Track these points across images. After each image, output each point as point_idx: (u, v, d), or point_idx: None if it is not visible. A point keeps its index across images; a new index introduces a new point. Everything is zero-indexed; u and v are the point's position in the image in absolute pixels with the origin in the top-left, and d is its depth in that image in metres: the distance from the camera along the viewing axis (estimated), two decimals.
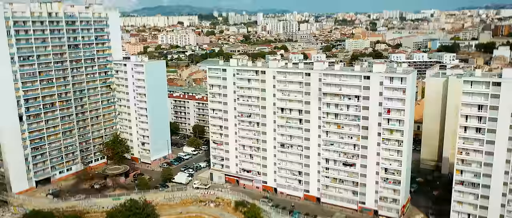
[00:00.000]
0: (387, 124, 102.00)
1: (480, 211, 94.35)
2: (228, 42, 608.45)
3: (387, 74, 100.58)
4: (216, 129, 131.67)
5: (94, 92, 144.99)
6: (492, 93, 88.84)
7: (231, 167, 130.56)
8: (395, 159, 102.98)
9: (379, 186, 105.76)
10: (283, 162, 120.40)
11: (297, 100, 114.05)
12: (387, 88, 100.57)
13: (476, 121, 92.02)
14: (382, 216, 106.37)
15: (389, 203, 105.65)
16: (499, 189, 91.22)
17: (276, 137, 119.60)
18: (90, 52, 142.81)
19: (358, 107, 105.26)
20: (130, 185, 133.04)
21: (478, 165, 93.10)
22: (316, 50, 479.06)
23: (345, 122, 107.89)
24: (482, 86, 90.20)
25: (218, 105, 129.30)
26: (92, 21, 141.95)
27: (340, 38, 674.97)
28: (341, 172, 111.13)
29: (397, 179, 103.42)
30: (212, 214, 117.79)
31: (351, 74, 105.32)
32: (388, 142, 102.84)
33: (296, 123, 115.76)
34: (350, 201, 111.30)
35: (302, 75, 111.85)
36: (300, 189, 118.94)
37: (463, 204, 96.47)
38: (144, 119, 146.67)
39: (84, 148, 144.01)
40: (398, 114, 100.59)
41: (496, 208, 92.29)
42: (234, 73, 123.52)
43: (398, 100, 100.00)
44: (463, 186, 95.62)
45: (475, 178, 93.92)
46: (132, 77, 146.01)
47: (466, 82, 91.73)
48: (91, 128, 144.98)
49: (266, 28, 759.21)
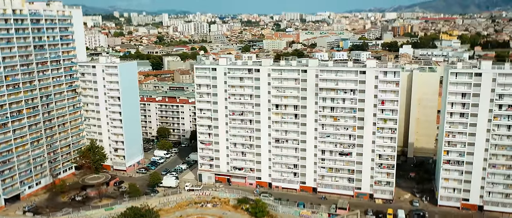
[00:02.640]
0: (381, 114, 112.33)
1: (464, 185, 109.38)
2: (141, 44, 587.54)
3: (382, 69, 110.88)
4: (204, 129, 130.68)
5: (60, 97, 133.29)
6: (474, 82, 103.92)
7: (222, 166, 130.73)
8: (388, 145, 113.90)
9: (374, 172, 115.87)
10: (277, 156, 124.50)
11: (293, 96, 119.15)
12: (381, 82, 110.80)
13: (460, 107, 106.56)
14: (377, 199, 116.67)
15: (383, 186, 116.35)
16: (480, 165, 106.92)
17: (271, 133, 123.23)
18: (55, 53, 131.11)
19: (354, 100, 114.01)
20: (114, 193, 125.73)
21: (462, 145, 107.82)
22: (235, 50, 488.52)
23: (341, 114, 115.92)
24: (466, 77, 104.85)
25: (206, 105, 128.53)
26: (57, 19, 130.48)
27: (252, 39, 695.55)
28: (337, 162, 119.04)
29: (391, 163, 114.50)
30: (214, 214, 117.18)
31: (347, 69, 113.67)
32: (382, 131, 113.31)
33: (291, 118, 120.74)
34: (346, 188, 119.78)
35: (298, 72, 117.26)
36: (296, 181, 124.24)
37: (449, 180, 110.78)
38: (118, 123, 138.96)
39: (52, 159, 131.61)
40: (392, 104, 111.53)
41: (477, 182, 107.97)
42: (225, 72, 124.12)
43: (392, 92, 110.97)
44: (449, 165, 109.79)
45: (460, 157, 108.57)
46: (103, 80, 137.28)
47: (452, 74, 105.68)
48: (58, 136, 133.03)
49: (178, 29, 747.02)
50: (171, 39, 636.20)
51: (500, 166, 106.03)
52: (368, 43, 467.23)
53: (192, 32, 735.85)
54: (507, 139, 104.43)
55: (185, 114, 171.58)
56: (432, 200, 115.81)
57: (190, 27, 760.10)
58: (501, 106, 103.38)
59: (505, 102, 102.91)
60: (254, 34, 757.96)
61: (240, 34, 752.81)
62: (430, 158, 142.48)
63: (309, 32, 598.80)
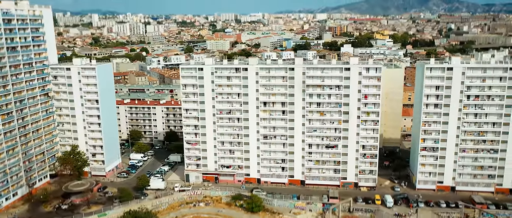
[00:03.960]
0: (365, 108, 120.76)
1: (439, 169, 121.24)
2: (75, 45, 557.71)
3: (365, 66, 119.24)
4: (191, 129, 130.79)
5: (33, 102, 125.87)
6: (447, 76, 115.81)
7: (210, 165, 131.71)
8: (371, 136, 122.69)
9: (359, 162, 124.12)
10: (266, 152, 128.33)
11: (281, 93, 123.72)
12: (365, 77, 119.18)
13: (435, 99, 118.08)
14: (362, 187, 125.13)
15: (367, 174, 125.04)
16: (453, 150, 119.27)
17: (259, 130, 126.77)
18: (28, 55, 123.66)
19: (339, 95, 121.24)
20: (101, 199, 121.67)
21: (437, 133, 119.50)
22: (178, 51, 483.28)
23: (327, 109, 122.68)
24: (439, 71, 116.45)
25: (193, 105, 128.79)
26: (28, 19, 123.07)
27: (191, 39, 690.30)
28: (324, 154, 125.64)
29: (374, 153, 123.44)
30: (209, 213, 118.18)
31: (333, 67, 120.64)
32: (365, 123, 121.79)
33: (279, 114, 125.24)
34: (332, 178, 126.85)
35: (286, 70, 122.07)
36: (284, 175, 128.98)
37: (426, 165, 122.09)
38: (96, 127, 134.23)
39: (28, 168, 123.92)
40: (374, 98, 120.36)
41: (450, 165, 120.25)
42: (212, 71, 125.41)
43: (374, 87, 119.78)
44: (426, 151, 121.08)
45: (435, 144, 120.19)
46: (78, 83, 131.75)
47: (427, 68, 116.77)
48: (33, 144, 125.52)
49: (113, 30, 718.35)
50: (107, 41, 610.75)
51: (469, 150, 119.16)
52: (310, 43, 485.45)
53: (127, 33, 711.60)
54: (474, 125, 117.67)
55: (157, 115, 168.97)
56: (409, 184, 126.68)
57: (125, 28, 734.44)
58: (469, 96, 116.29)
59: (472, 93, 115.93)
60: (193, 35, 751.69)
61: (178, 35, 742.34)
62: (397, 147, 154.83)
63: (251, 33, 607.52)
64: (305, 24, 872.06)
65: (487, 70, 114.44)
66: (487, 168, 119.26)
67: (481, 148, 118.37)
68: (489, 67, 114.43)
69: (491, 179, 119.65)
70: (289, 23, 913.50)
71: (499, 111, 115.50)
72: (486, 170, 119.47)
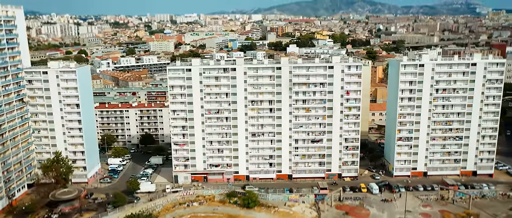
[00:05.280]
0: (347, 103, 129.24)
1: (413, 157, 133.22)
2: None
3: (346, 64, 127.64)
4: (179, 130, 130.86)
5: (9, 108, 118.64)
6: (419, 72, 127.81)
7: (198, 165, 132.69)
8: (353, 129, 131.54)
9: (342, 154, 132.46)
10: (254, 150, 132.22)
11: (268, 92, 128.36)
12: (347, 75, 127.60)
13: (408, 93, 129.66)
14: (346, 177, 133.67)
15: (350, 165, 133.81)
16: (424, 139, 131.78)
17: (248, 128, 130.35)
18: (3, 59, 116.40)
19: (323, 92, 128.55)
20: (92, 206, 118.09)
21: (411, 124, 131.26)
22: (120, 53, 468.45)
23: (312, 106, 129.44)
24: (412, 68, 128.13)
25: (180, 106, 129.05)
26: (2, 20, 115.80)
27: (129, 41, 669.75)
28: (310, 149, 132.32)
29: (356, 145, 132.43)
30: (205, 211, 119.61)
31: (317, 65, 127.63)
32: (348, 117, 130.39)
33: (266, 112, 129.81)
34: (318, 171, 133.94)
35: (273, 69, 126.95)
36: (272, 171, 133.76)
37: (402, 154, 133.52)
38: (77, 132, 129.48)
39: (7, 178, 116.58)
40: (355, 94, 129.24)
41: (423, 153, 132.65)
42: (200, 72, 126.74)
43: (355, 83, 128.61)
44: (402, 141, 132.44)
45: (409, 134, 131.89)
46: (57, 87, 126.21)
47: (402, 65, 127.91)
48: (11, 152, 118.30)
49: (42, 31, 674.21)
50: (38, 43, 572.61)
51: (438, 138, 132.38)
52: (256, 43, 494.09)
53: (59, 35, 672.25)
54: (442, 116, 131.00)
55: (131, 118, 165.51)
56: (386, 173, 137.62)
57: (55, 30, 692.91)
58: (437, 90, 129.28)
59: (440, 86, 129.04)
60: (130, 36, 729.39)
61: (115, 36, 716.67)
62: (365, 139, 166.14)
63: (195, 33, 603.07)
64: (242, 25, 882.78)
65: (453, 66, 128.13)
66: (453, 153, 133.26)
67: (448, 136, 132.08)
68: (454, 63, 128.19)
69: (457, 163, 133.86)
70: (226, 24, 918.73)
71: (462, 102, 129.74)
72: (452, 155, 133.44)
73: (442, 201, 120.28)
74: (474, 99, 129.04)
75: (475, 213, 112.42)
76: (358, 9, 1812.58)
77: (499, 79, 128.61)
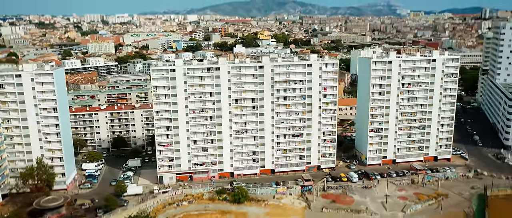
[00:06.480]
0: (324, 98, 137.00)
1: (383, 146, 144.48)
2: None
3: (323, 62, 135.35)
4: (163, 131, 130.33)
5: None
6: (387, 68, 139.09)
7: (183, 165, 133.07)
8: (330, 123, 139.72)
9: (320, 147, 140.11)
10: (238, 146, 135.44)
11: (251, 90, 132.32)
12: (324, 72, 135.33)
13: (379, 88, 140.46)
14: (324, 168, 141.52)
15: (328, 157, 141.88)
16: (393, 129, 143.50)
17: (232, 126, 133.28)
18: None
19: (303, 89, 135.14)
20: (79, 212, 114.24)
21: (381, 116, 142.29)
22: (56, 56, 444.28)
23: (293, 102, 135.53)
24: (381, 64, 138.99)
25: (164, 106, 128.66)
26: None
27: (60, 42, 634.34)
28: (291, 143, 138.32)
29: (333, 138, 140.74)
30: (198, 210, 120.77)
31: (297, 63, 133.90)
32: (325, 112, 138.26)
33: (250, 109, 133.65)
34: (298, 164, 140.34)
35: (255, 68, 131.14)
36: (255, 166, 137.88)
37: (373, 144, 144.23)
38: (54, 137, 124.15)
39: None
40: (331, 90, 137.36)
41: (392, 142, 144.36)
42: (184, 72, 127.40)
43: (332, 80, 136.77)
44: (373, 132, 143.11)
45: (380, 125, 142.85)
46: (32, 90, 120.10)
47: (373, 62, 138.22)
48: None
49: None
50: None
51: (405, 128, 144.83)
52: (201, 44, 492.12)
53: None
54: (408, 108, 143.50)
55: (101, 122, 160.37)
56: (360, 162, 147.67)
57: None
58: (403, 84, 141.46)
59: (406, 81, 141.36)
60: (60, 37, 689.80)
61: (44, 38, 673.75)
62: None
63: (136, 34, 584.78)
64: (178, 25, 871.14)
65: (416, 62, 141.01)
66: (417, 141, 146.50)
67: (413, 126, 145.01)
68: (417, 60, 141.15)
69: (421, 150, 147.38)
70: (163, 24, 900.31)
71: (425, 94, 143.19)
72: (417, 143, 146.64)
73: (414, 184, 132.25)
74: (435, 92, 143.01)
75: (444, 193, 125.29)
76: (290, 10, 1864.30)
77: (454, 73, 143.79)
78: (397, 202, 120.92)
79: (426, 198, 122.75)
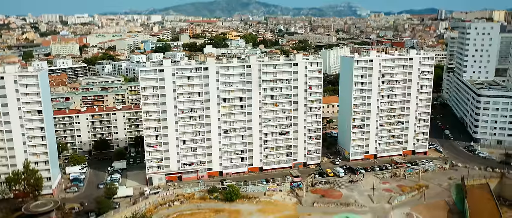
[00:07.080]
0: (310, 96, 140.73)
1: (365, 142, 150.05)
2: None
3: (308, 61, 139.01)
4: (151, 132, 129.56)
5: None
6: (369, 67, 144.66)
7: (172, 165, 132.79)
8: (315, 121, 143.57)
9: (306, 144, 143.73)
10: (227, 146, 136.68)
11: (239, 89, 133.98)
12: (309, 71, 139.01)
13: (361, 85, 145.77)
14: (310, 165, 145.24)
15: (313, 154, 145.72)
16: (374, 125, 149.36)
17: (221, 125, 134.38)
18: None
19: (289, 87, 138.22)
20: (70, 216, 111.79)
21: (363, 113, 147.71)
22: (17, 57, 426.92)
23: (280, 101, 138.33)
24: (363, 63, 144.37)
25: (153, 107, 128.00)
26: None
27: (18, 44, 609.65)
28: (278, 141, 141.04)
29: (318, 135, 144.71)
30: (190, 209, 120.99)
31: (284, 63, 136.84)
32: (311, 110, 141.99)
33: (238, 109, 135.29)
34: (285, 161, 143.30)
35: (243, 68, 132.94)
36: (244, 165, 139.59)
37: (356, 140, 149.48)
38: (39, 141, 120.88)
39: None
40: (316, 88, 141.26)
41: (373, 138, 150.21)
42: (173, 72, 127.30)
43: (316, 79, 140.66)
44: (356, 129, 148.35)
45: (362, 122, 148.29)
46: (15, 93, 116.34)
47: (355, 61, 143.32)
48: None
49: None
50: None
51: (385, 124, 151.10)
52: (170, 45, 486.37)
53: None
54: (388, 104, 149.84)
55: (82, 124, 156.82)
56: (343, 158, 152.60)
57: None
58: (383, 82, 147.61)
59: (386, 79, 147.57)
60: (18, 38, 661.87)
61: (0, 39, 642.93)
62: None
63: (101, 35, 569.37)
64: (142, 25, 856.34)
65: (395, 61, 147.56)
66: (397, 136, 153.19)
67: (393, 121, 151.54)
68: (396, 58, 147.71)
69: (400, 145, 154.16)
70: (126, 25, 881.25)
71: (403, 91, 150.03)
72: (396, 138, 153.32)
73: (396, 177, 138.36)
74: (412, 89, 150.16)
75: (425, 184, 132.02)
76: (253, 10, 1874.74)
77: (430, 71, 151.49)
78: (383, 194, 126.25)
79: (409, 190, 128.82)
